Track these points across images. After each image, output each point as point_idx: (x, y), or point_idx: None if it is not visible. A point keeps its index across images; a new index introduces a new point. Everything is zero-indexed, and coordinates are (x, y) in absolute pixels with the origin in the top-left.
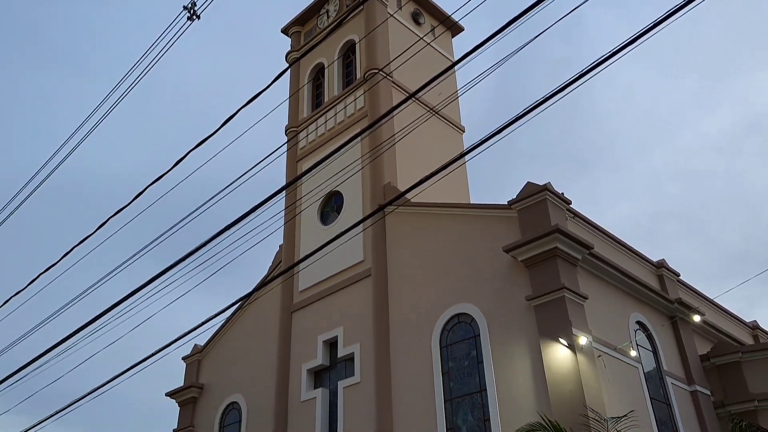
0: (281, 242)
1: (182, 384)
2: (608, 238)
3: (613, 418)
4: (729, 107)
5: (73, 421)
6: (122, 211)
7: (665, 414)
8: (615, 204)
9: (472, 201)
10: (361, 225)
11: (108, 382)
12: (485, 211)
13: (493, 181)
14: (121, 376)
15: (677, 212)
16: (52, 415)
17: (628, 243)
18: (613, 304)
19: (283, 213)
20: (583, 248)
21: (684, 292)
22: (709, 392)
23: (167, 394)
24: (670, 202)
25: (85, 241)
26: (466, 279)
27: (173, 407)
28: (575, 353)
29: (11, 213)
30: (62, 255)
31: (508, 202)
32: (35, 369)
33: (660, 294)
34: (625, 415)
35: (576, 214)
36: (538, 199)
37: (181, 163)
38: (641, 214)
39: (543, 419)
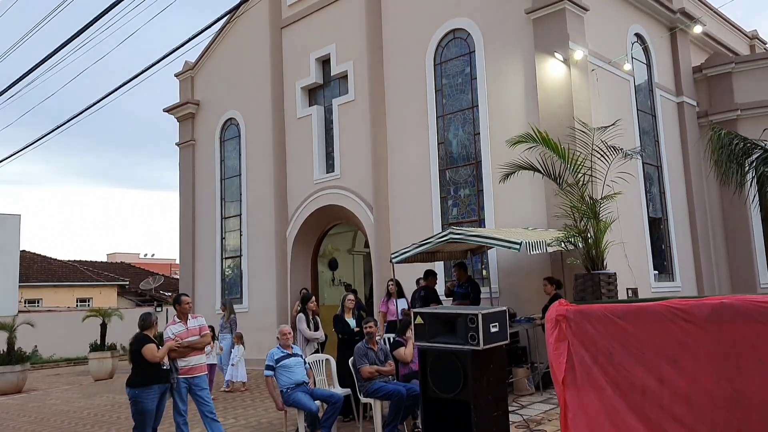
0: None
1: (178, 101)
2: None
3: (598, 128)
4: None
5: (80, 136)
6: None
7: (649, 124)
8: None
9: None
10: None
11: (106, 96)
12: None
13: None
14: (119, 91)
15: None
16: (55, 129)
17: None
18: (614, 15)
19: None
20: None
21: (688, 1)
22: (695, 103)
23: (165, 110)
24: None
25: None
26: None
27: (173, 123)
28: (569, 67)
29: None
30: None
31: None
32: (30, 84)
33: (663, 3)
34: (612, 124)
35: None
36: None
37: None
38: None
39: (533, 131)
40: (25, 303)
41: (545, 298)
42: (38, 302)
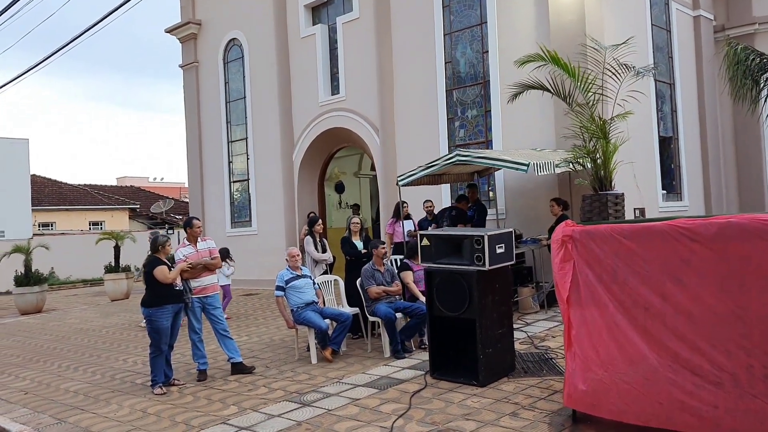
0: None
1: (180, 21)
2: None
3: (611, 45)
4: None
5: (82, 58)
6: None
7: (663, 40)
8: None
9: None
10: None
11: (108, 15)
12: None
13: None
14: (119, 11)
15: None
16: (58, 50)
17: None
18: None
19: None
20: None
21: None
22: (712, 17)
23: (166, 30)
24: None
25: None
26: None
27: (176, 45)
28: None
29: None
30: None
31: None
32: (27, 4)
33: None
34: (623, 42)
35: None
36: None
37: None
38: None
39: (542, 50)
40: (38, 226)
41: (552, 219)
42: (51, 226)
